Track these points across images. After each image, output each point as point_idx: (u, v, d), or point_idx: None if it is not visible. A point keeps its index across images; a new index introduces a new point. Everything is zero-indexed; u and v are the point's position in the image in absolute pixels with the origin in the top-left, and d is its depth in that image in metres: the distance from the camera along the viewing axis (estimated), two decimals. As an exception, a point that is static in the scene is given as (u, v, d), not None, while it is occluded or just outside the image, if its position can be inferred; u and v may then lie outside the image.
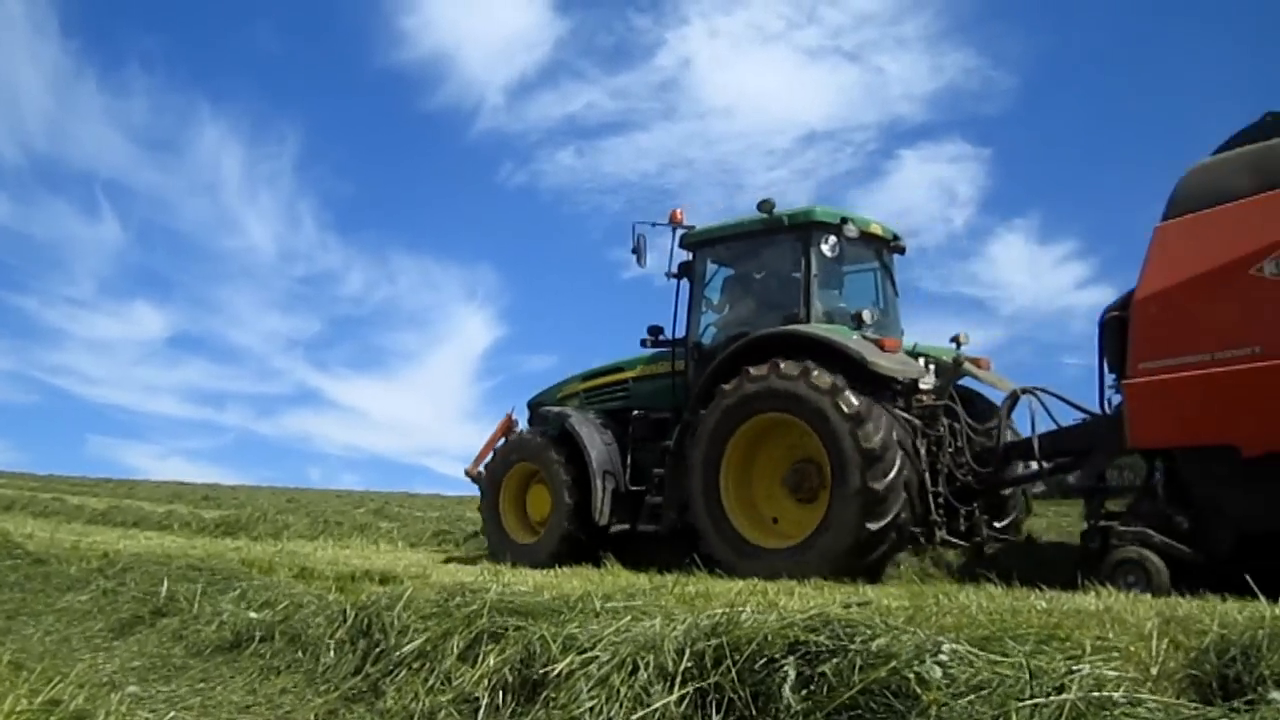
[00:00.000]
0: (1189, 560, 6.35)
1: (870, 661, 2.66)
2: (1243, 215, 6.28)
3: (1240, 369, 6.09)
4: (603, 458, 9.37)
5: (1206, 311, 6.33)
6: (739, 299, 9.58)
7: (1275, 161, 6.33)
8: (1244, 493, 6.22)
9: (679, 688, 2.85)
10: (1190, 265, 6.44)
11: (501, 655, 3.52)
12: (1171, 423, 6.51)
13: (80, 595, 6.74)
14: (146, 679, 4.55)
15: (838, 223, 8.83)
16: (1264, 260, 6.04)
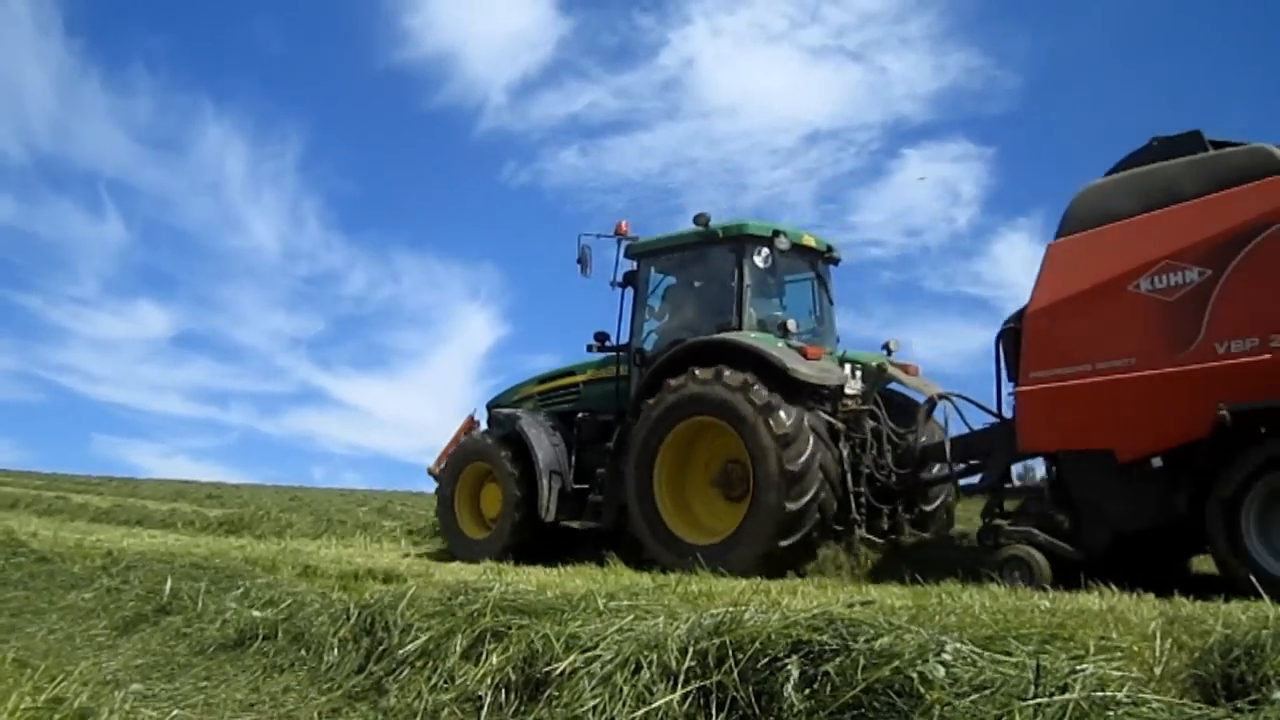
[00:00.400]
0: (1070, 557, 6.77)
1: (873, 661, 2.65)
2: (1123, 235, 6.75)
3: (1117, 379, 6.59)
4: (549, 458, 9.77)
5: (1089, 325, 6.78)
6: (678, 307, 10.00)
7: (1154, 185, 6.76)
8: (1119, 494, 6.69)
9: (682, 686, 2.85)
10: (1076, 281, 6.91)
11: (504, 654, 3.52)
12: (1056, 429, 6.97)
13: (84, 593, 6.75)
14: (150, 677, 4.56)
15: (770, 235, 9.21)
16: (1140, 278, 6.55)
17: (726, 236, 9.34)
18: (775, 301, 9.99)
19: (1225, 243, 6.28)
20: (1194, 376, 6.26)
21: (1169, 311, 6.44)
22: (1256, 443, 6.01)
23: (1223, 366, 6.19)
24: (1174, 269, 6.43)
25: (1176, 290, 6.42)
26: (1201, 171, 6.62)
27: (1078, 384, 6.78)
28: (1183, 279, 6.39)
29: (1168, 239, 6.52)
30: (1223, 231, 6.29)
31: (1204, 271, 6.33)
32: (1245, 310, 6.18)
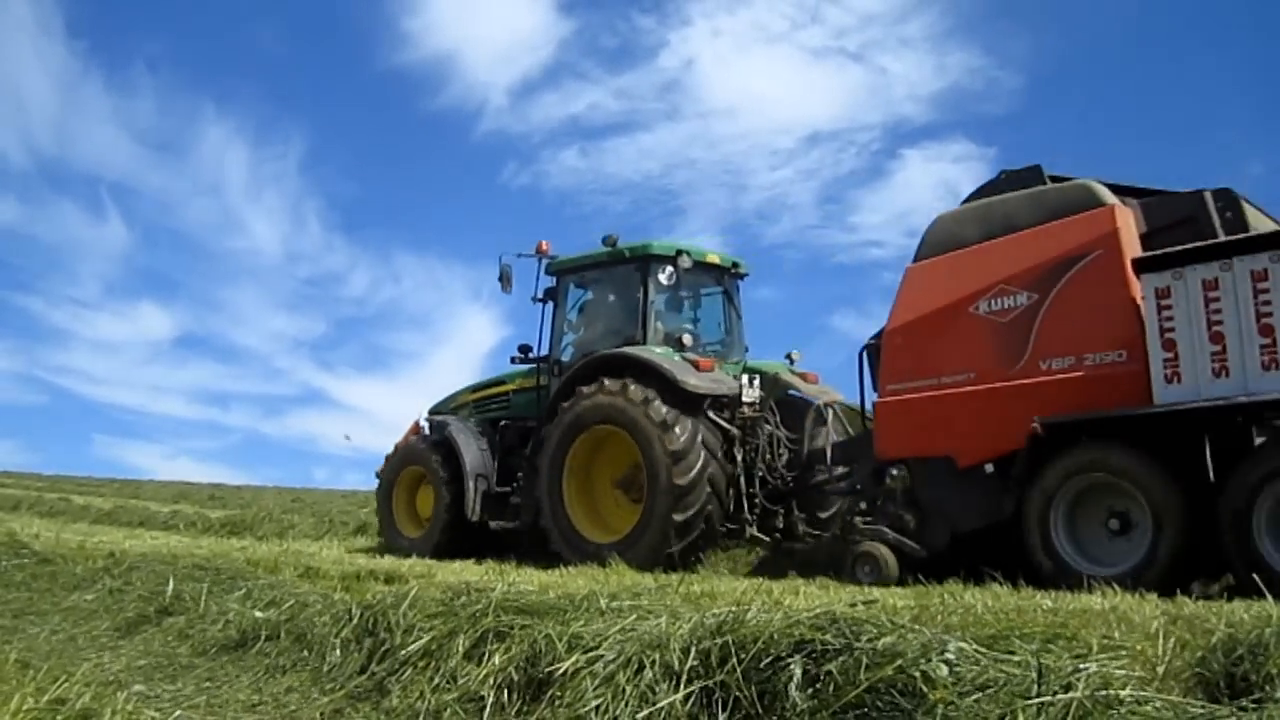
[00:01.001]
0: (914, 554, 7.48)
1: (877, 660, 2.65)
2: (967, 261, 7.46)
3: (958, 392, 7.33)
4: (475, 462, 10.42)
5: (936, 343, 7.51)
6: (591, 322, 10.67)
7: (996, 215, 7.48)
8: (957, 496, 7.39)
9: (684, 686, 2.85)
10: (927, 302, 7.63)
11: (507, 654, 3.51)
12: (907, 437, 7.67)
13: (86, 594, 6.75)
14: (152, 678, 4.55)
15: (673, 254, 9.85)
16: (979, 300, 7.29)
17: (633, 256, 10.00)
18: (682, 315, 10.74)
19: (1050, 270, 6.99)
20: (1020, 391, 6.98)
21: (1002, 331, 7.17)
22: (1065, 451, 6.71)
23: (1044, 382, 6.92)
24: (1007, 293, 7.16)
25: (1009, 312, 7.15)
26: (1035, 204, 7.31)
27: (925, 396, 7.49)
28: (1014, 302, 7.13)
29: (1003, 265, 7.23)
30: (1048, 259, 7.01)
31: (1032, 295, 7.05)
32: (1064, 331, 6.91)
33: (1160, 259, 6.54)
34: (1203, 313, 6.27)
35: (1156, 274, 6.49)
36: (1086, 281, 6.88)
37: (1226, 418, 6.32)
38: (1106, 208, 6.94)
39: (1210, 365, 6.24)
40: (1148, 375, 6.48)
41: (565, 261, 10.67)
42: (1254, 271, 6.11)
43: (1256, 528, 5.96)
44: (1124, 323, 6.70)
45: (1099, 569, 6.48)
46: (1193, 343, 6.31)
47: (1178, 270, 6.38)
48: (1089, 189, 7.12)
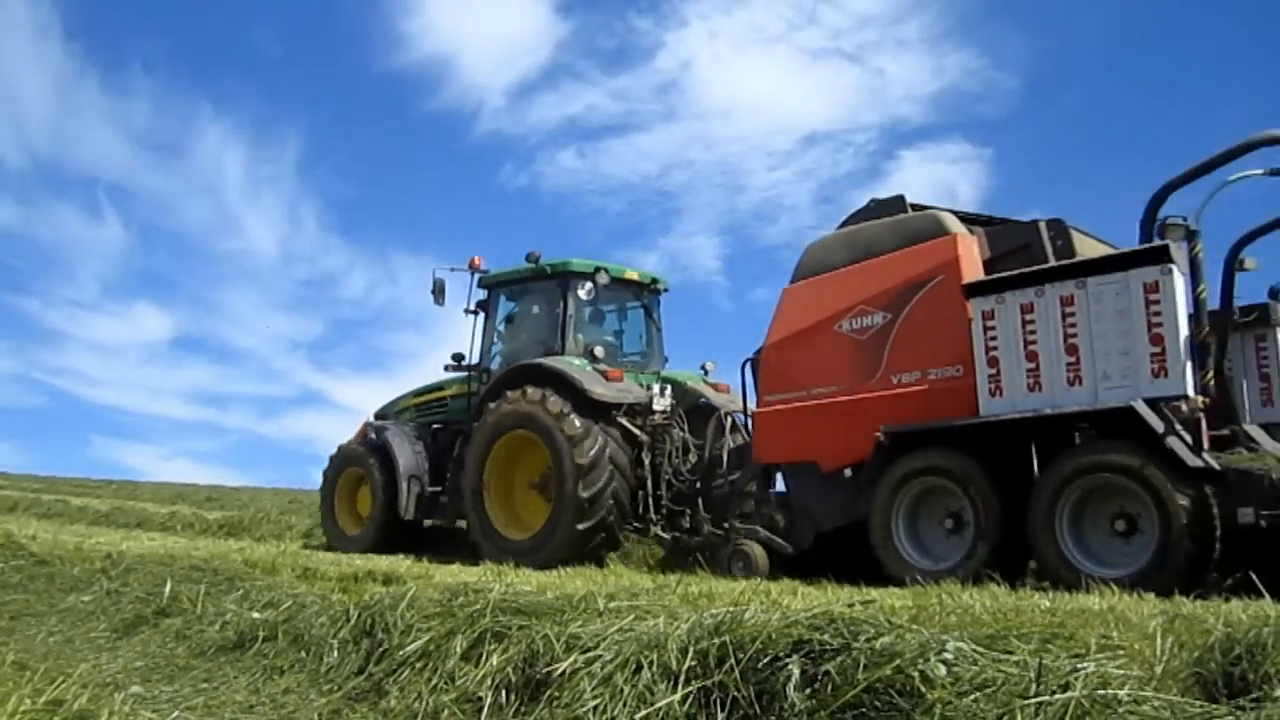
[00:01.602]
0: (783, 551, 8.25)
1: (875, 660, 2.65)
2: (833, 283, 8.13)
3: (822, 403, 8.04)
4: (410, 464, 11.11)
5: (806, 358, 8.20)
6: (516, 333, 11.44)
7: (860, 241, 8.12)
8: (821, 499, 8.14)
9: (683, 687, 2.85)
10: (799, 321, 8.31)
11: (505, 655, 3.51)
12: (779, 444, 8.42)
13: (83, 596, 6.74)
14: (150, 679, 4.55)
15: (592, 271, 10.60)
16: (843, 319, 7.98)
17: (554, 272, 10.77)
18: (602, 328, 11.45)
19: (901, 292, 7.67)
20: (874, 403, 7.69)
21: (861, 348, 7.88)
22: (904, 458, 7.42)
23: (894, 395, 7.62)
24: (866, 313, 7.86)
25: (867, 330, 7.85)
26: (893, 232, 7.93)
27: (795, 407, 8.21)
28: (871, 321, 7.82)
29: (863, 288, 7.91)
30: (900, 283, 7.68)
31: (886, 315, 7.74)
32: (912, 348, 7.60)
33: (985, 284, 7.23)
34: (1020, 333, 6.95)
35: (983, 298, 7.15)
36: (931, 303, 7.56)
37: (1042, 428, 6.98)
38: (950, 236, 7.57)
39: (1026, 380, 6.94)
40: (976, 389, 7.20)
41: (495, 276, 11.42)
42: (1062, 297, 6.80)
43: (1059, 529, 6.65)
44: (960, 341, 7.32)
45: (934, 564, 7.20)
46: (1012, 360, 7.00)
47: (1000, 295, 7.06)
48: (937, 219, 7.73)
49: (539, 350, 10.60)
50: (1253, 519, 6.16)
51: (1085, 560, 6.58)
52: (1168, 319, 6.42)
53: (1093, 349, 6.68)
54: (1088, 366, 6.69)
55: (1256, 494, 6.19)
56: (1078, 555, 6.59)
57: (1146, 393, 6.46)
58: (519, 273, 11.16)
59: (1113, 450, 6.53)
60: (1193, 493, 6.19)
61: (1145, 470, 6.27)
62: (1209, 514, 6.21)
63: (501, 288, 11.44)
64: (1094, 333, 6.68)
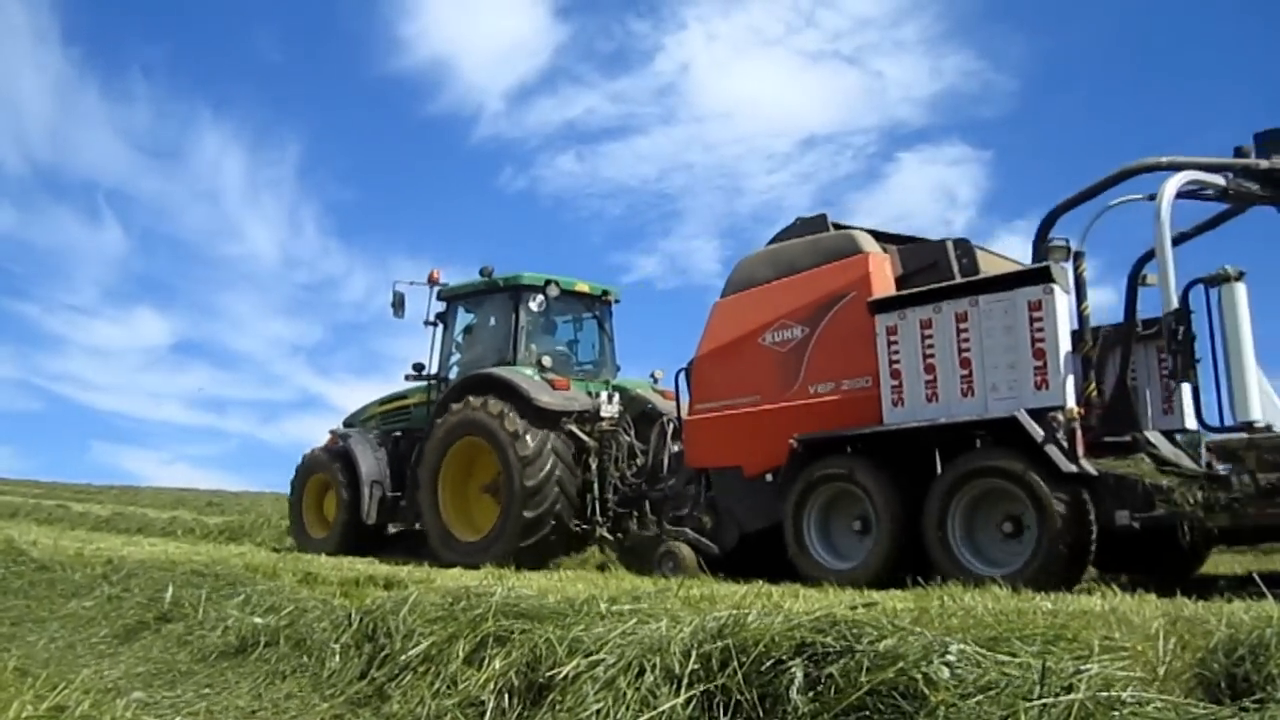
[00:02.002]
0: (709, 551, 8.65)
1: (878, 662, 2.65)
2: (759, 298, 8.50)
3: (746, 412, 8.41)
4: (372, 470, 11.50)
5: (732, 368, 8.58)
6: (472, 344, 11.82)
7: (783, 259, 8.50)
8: (744, 502, 8.50)
9: (686, 690, 2.84)
10: (727, 333, 8.72)
11: (507, 659, 3.51)
12: (708, 450, 8.83)
13: (85, 601, 6.74)
14: (152, 684, 4.55)
15: (542, 284, 11.02)
16: (766, 332, 8.35)
17: (506, 285, 11.19)
18: (555, 339, 11.84)
19: (818, 307, 8.05)
20: (792, 412, 8.05)
21: (781, 360, 8.23)
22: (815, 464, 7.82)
23: (811, 404, 8.01)
24: (786, 326, 8.23)
25: (787, 343, 8.21)
26: (813, 250, 8.30)
27: (723, 415, 8.61)
28: (791, 335, 8.19)
29: (785, 302, 8.27)
30: (817, 299, 8.06)
31: (804, 329, 8.12)
32: (827, 360, 7.98)
33: (889, 301, 7.64)
34: (919, 347, 7.38)
35: (886, 314, 7.57)
36: (844, 318, 7.94)
37: (939, 436, 7.35)
38: (862, 255, 7.97)
39: (924, 391, 7.37)
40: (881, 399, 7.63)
41: (453, 289, 11.85)
42: (957, 313, 7.23)
43: (951, 530, 7.03)
44: (868, 354, 7.69)
45: (841, 564, 7.62)
46: (912, 372, 7.43)
47: (902, 311, 7.49)
48: (851, 238, 8.14)
49: (493, 360, 11.01)
50: (1128, 521, 6.57)
51: (975, 560, 6.98)
52: (1049, 335, 6.86)
53: (983, 362, 7.12)
54: (979, 379, 7.13)
55: (1131, 498, 6.60)
56: (968, 555, 6.99)
57: (1030, 404, 6.85)
58: (474, 286, 11.60)
59: (998, 457, 6.94)
60: (1069, 496, 6.58)
61: (1026, 475, 6.67)
62: (1085, 516, 6.61)
63: (458, 300, 11.88)
64: (984, 347, 7.12)
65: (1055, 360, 6.81)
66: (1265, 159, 7.21)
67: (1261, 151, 7.27)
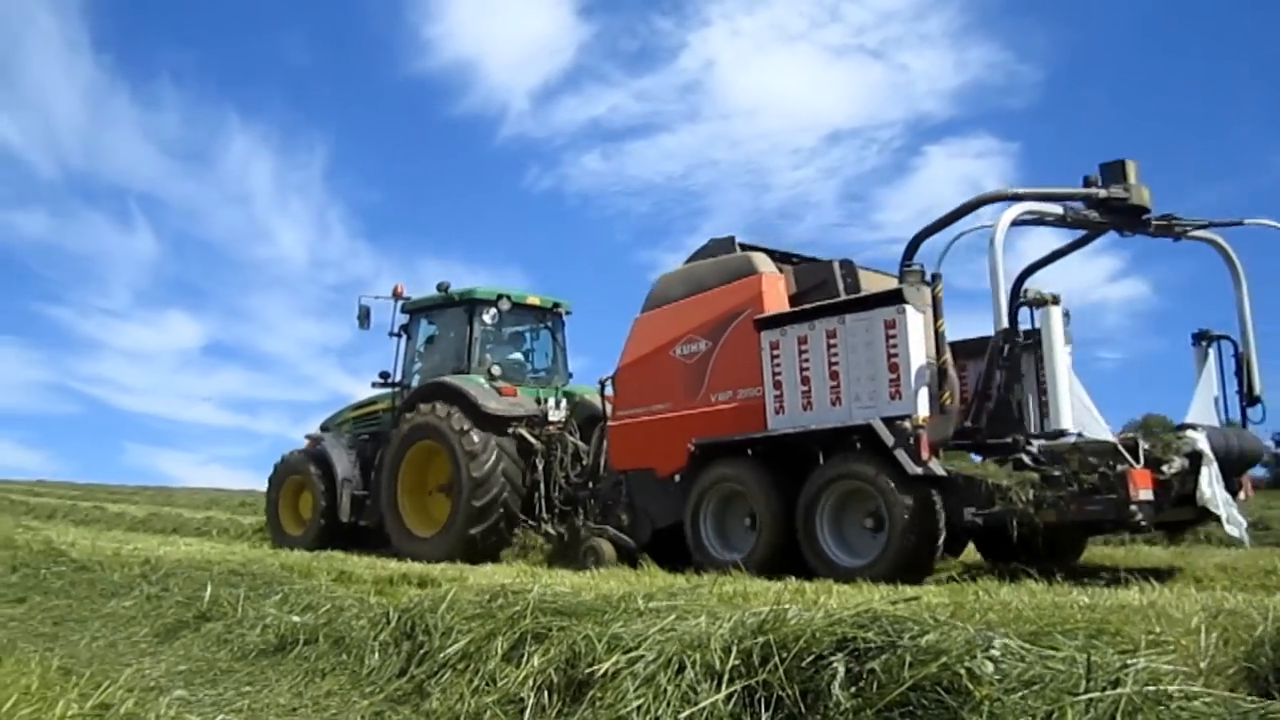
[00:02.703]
0: (626, 546, 9.40)
1: (920, 658, 2.63)
2: (671, 314, 9.30)
3: (658, 419, 9.23)
4: (346, 471, 12.31)
5: (647, 378, 9.39)
6: (432, 353, 12.58)
7: (693, 278, 9.28)
8: (657, 501, 9.35)
9: (726, 686, 2.84)
10: (645, 346, 9.52)
11: (546, 655, 3.51)
12: (627, 453, 9.67)
13: (125, 601, 6.82)
14: (193, 683, 4.59)
15: (494, 298, 11.86)
16: (676, 345, 9.16)
17: (461, 300, 12.00)
18: (509, 348, 12.68)
19: (720, 323, 8.81)
20: (696, 418, 8.88)
21: (688, 371, 9.04)
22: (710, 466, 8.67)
23: (712, 411, 8.80)
24: (693, 340, 9.02)
25: (694, 356, 9.01)
26: (717, 270, 9.07)
27: (639, 421, 9.43)
28: (697, 348, 8.99)
29: (692, 318, 9.07)
30: (719, 315, 8.82)
31: (708, 343, 8.90)
32: (726, 371, 8.74)
33: (772, 319, 8.36)
34: (797, 361, 8.12)
35: (770, 330, 8.33)
36: (740, 333, 8.65)
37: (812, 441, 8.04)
38: (757, 275, 8.71)
39: (801, 401, 8.11)
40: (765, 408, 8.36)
41: (415, 302, 12.65)
42: (827, 330, 7.97)
43: (819, 526, 7.79)
44: (758, 367, 8.43)
45: (731, 555, 8.32)
46: (791, 383, 8.17)
47: (783, 328, 8.23)
48: (749, 259, 8.87)
49: (450, 369, 11.83)
50: (973, 517, 7.32)
51: (840, 552, 7.77)
52: (902, 351, 7.56)
53: (849, 375, 7.86)
54: (845, 389, 7.87)
55: (975, 497, 7.30)
56: (834, 548, 7.78)
57: (885, 412, 7.57)
58: (433, 300, 12.41)
59: (858, 461, 7.67)
60: (915, 495, 7.31)
61: (879, 477, 7.43)
62: (932, 512, 7.34)
63: (420, 313, 12.70)
64: (849, 362, 7.85)
65: (908, 373, 7.52)
66: (1105, 188, 7.76)
67: (1105, 181, 7.80)
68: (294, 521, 13.15)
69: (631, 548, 9.36)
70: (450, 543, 10.57)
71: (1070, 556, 8.62)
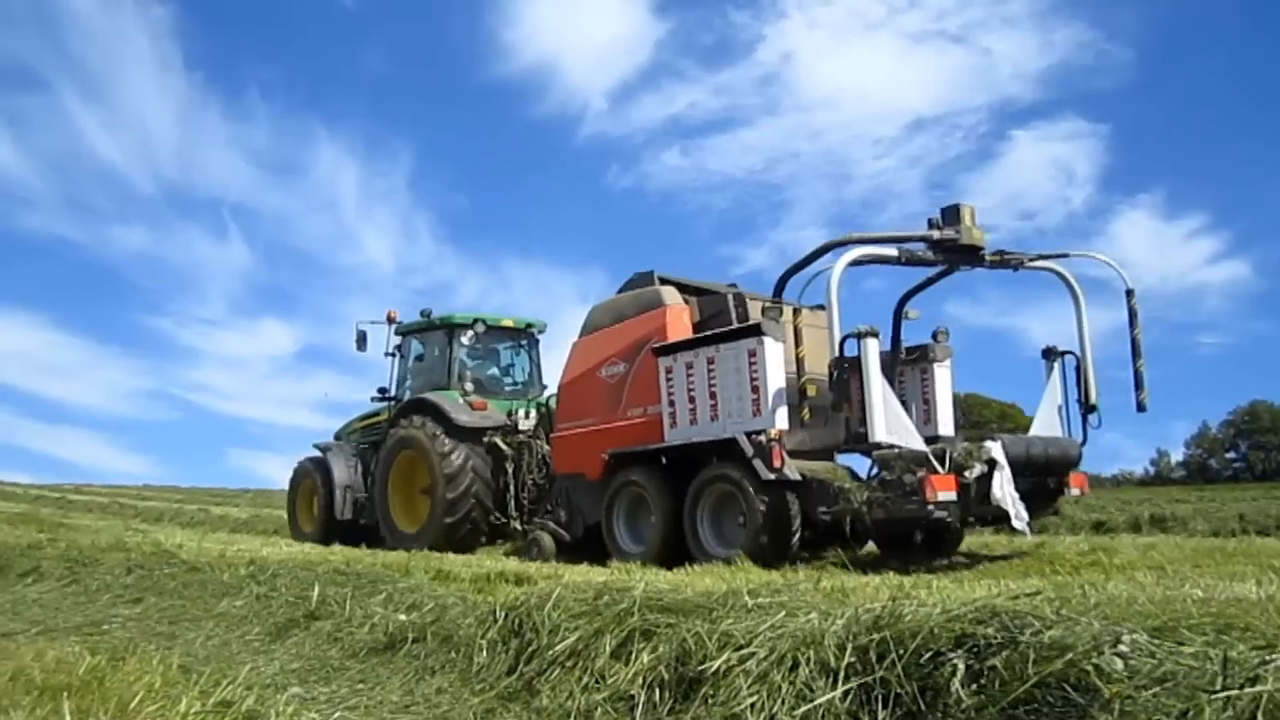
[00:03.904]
0: (564, 540, 10.84)
1: (1044, 654, 2.57)
2: (600, 340, 10.71)
3: (588, 430, 10.69)
4: (344, 477, 14.08)
5: (580, 395, 10.87)
6: (420, 371, 14.20)
7: (617, 308, 10.67)
8: (587, 501, 10.77)
9: (843, 683, 2.81)
10: (579, 368, 10.98)
11: (655, 653, 3.52)
12: (565, 459, 11.19)
13: (235, 601, 7.01)
14: (307, 680, 4.70)
15: (471, 322, 13.54)
16: (602, 367, 10.55)
17: (441, 324, 13.71)
18: (488, 365, 14.33)
19: (633, 348, 10.17)
20: (614, 431, 10.32)
21: (611, 390, 10.44)
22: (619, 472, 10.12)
23: (626, 425, 10.25)
24: (614, 363, 10.40)
25: (615, 377, 10.38)
26: (635, 302, 10.45)
27: (574, 433, 10.91)
28: (617, 370, 10.36)
29: (615, 344, 10.44)
30: (633, 342, 10.18)
31: (626, 366, 10.27)
32: (638, 391, 10.11)
33: (665, 347, 9.75)
34: (685, 383, 9.48)
35: (664, 357, 9.72)
36: (648, 358, 9.98)
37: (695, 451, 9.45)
38: (663, 307, 10.06)
39: (689, 417, 9.48)
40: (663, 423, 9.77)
41: (405, 326, 14.32)
42: (708, 357, 9.29)
43: (699, 522, 9.30)
44: (659, 387, 9.83)
45: (637, 547, 9.79)
46: (681, 402, 9.53)
47: (675, 355, 9.60)
48: (658, 293, 10.21)
49: (433, 385, 13.46)
50: (823, 514, 8.63)
51: (715, 544, 9.17)
52: (761, 375, 8.84)
53: (723, 395, 9.18)
54: (721, 407, 9.20)
55: (825, 497, 8.63)
56: (711, 540, 9.22)
57: (748, 427, 8.90)
58: (420, 324, 14.12)
59: (727, 467, 9.06)
60: (771, 496, 8.69)
61: (742, 481, 8.82)
62: (786, 511, 8.73)
63: (410, 335, 14.36)
64: (723, 384, 9.17)
65: (766, 394, 8.78)
66: (938, 230, 8.86)
67: (944, 223, 8.89)
68: (308, 520, 14.91)
69: (568, 541, 10.79)
70: (431, 535, 12.08)
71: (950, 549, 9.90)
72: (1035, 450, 8.87)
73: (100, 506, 30.65)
